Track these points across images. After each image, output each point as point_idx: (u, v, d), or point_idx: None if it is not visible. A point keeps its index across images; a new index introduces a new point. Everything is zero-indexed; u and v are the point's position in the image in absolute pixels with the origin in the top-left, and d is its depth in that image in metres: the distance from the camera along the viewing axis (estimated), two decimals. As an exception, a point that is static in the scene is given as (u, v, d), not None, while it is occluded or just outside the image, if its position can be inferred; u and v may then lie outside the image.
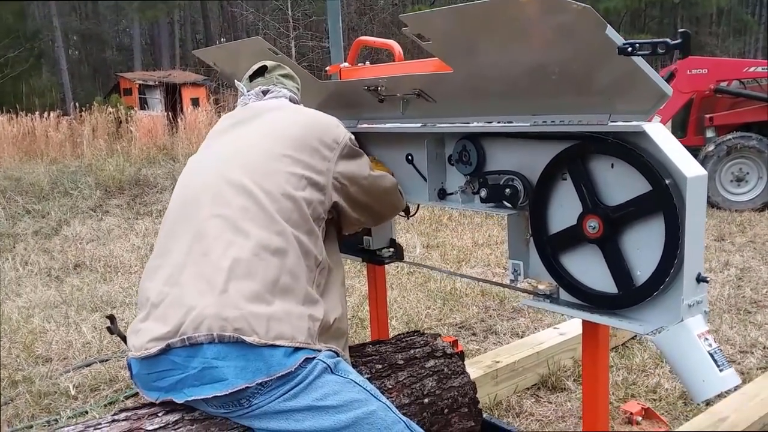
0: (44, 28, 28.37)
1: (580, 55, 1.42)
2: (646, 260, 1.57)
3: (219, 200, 1.52)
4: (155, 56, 31.34)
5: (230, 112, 1.85)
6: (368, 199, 1.79)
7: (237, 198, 1.51)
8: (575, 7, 1.25)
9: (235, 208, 1.49)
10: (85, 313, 4.31)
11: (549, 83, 1.59)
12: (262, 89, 1.86)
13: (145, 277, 1.56)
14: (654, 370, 3.13)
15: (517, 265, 1.89)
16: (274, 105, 1.80)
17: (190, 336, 1.36)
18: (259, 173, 1.54)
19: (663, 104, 1.47)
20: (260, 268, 1.42)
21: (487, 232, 6.40)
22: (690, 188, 1.46)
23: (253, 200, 1.50)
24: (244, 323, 1.35)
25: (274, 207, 1.50)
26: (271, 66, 1.93)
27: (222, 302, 1.37)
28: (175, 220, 1.58)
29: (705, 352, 1.49)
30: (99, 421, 1.46)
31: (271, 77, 1.90)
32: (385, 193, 1.89)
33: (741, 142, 6.96)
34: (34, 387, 3.19)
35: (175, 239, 1.54)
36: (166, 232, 1.59)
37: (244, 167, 1.56)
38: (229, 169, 1.57)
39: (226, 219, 1.48)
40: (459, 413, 1.85)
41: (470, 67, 1.69)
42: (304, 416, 1.35)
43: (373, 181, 1.80)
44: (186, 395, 1.41)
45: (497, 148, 1.94)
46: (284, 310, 1.40)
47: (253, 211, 1.49)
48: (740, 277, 4.70)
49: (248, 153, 1.60)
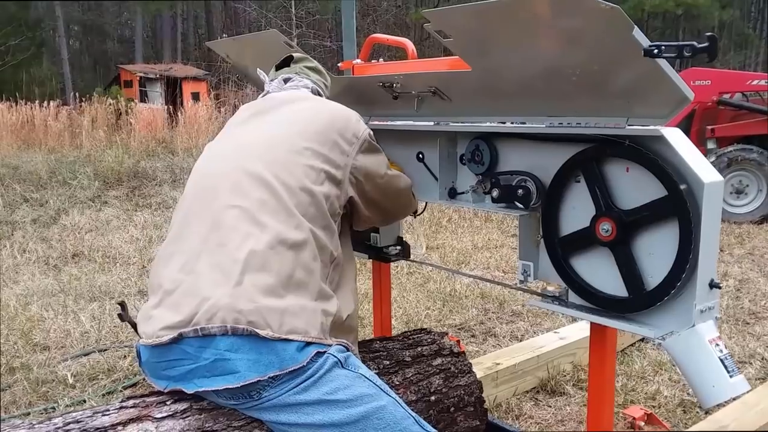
0: (47, 17, 28.31)
1: (604, 55, 1.41)
2: (659, 265, 1.57)
3: (237, 191, 1.51)
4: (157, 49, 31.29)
5: (251, 102, 1.83)
6: (382, 198, 1.78)
7: (256, 190, 1.50)
8: (603, 7, 1.25)
9: (253, 200, 1.48)
10: (83, 303, 4.29)
11: (567, 84, 1.58)
12: (284, 77, 1.86)
13: (159, 262, 1.55)
14: (653, 377, 3.13)
15: (527, 266, 1.89)
16: (296, 96, 1.78)
17: (204, 327, 1.35)
18: (278, 165, 1.53)
19: (682, 109, 1.47)
20: (276, 262, 1.41)
21: (486, 235, 6.40)
22: (707, 194, 1.45)
23: (272, 193, 1.49)
24: (258, 316, 1.34)
25: (292, 201, 1.48)
26: (297, 57, 1.93)
27: (237, 294, 1.36)
28: (191, 207, 1.57)
29: (716, 358, 1.50)
30: (107, 407, 1.45)
31: (295, 67, 1.90)
32: (399, 194, 1.88)
33: (742, 155, 6.99)
34: (31, 374, 3.18)
35: (191, 227, 1.53)
36: (181, 219, 1.58)
37: (264, 158, 1.55)
38: (248, 159, 1.56)
39: (244, 210, 1.47)
40: (465, 412, 1.85)
41: (489, 65, 1.68)
42: (314, 409, 1.35)
43: (389, 180, 1.79)
44: (196, 386, 1.40)
45: (510, 149, 1.94)
46: (298, 304, 1.39)
47: (272, 204, 1.47)
48: (739, 288, 4.72)
49: (268, 144, 1.59)
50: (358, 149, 1.66)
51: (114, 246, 5.88)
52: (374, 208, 1.77)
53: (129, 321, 1.59)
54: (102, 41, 35.18)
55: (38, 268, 5.20)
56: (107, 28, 34.89)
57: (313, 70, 1.93)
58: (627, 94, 1.51)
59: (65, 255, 5.61)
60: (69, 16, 30.42)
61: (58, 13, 25.86)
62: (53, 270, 5.19)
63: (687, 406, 2.84)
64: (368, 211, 1.75)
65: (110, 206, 7.75)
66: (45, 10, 28.55)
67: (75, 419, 1.39)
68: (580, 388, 3.03)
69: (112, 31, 35.85)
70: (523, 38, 1.51)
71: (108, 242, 6.03)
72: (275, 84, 1.85)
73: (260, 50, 2.29)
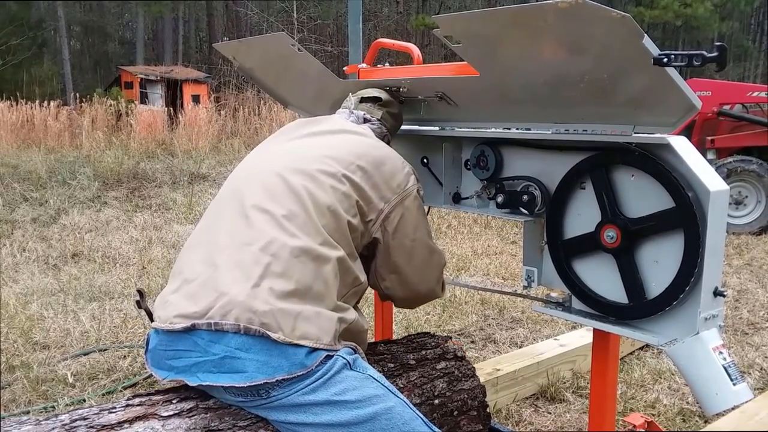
0: (48, 17, 28.33)
1: (613, 63, 1.43)
2: (663, 272, 1.58)
3: (272, 197, 1.53)
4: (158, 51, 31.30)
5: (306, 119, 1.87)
6: (404, 262, 1.71)
7: (289, 201, 1.52)
8: (615, 15, 1.26)
9: (284, 209, 1.50)
10: (82, 302, 4.29)
11: (574, 91, 1.60)
12: (365, 116, 1.90)
13: (187, 248, 1.59)
14: (652, 385, 3.14)
15: (531, 271, 1.90)
16: (358, 129, 1.81)
17: (217, 322, 1.37)
18: (315, 184, 1.55)
19: (690, 117, 1.48)
20: (297, 271, 1.42)
21: (486, 242, 6.41)
22: (713, 202, 1.47)
23: (302, 207, 1.51)
24: (271, 319, 1.36)
25: (321, 221, 1.50)
26: (385, 101, 1.96)
27: (253, 295, 1.38)
28: (225, 203, 1.61)
29: (719, 366, 1.51)
30: (113, 405, 1.45)
31: (380, 111, 1.94)
32: (426, 265, 1.77)
33: (741, 166, 7.01)
34: (31, 373, 3.17)
35: (221, 221, 1.56)
36: (214, 210, 1.62)
37: (305, 174, 1.57)
38: (290, 172, 1.58)
39: (273, 216, 1.49)
40: (468, 416, 1.85)
41: (497, 72, 1.70)
42: (322, 410, 1.36)
43: (419, 245, 1.72)
44: (199, 379, 1.41)
45: (515, 155, 1.95)
46: (314, 310, 1.40)
47: (301, 217, 1.49)
48: (737, 298, 4.73)
49: (314, 163, 1.61)
50: (399, 199, 1.66)
51: (114, 246, 5.87)
52: (391, 268, 1.72)
53: (146, 309, 1.60)
54: (103, 42, 35.17)
55: (38, 267, 5.19)
56: (109, 29, 34.89)
57: (392, 116, 1.97)
58: (634, 102, 1.53)
59: (65, 254, 5.61)
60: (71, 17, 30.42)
61: (60, 14, 25.87)
62: (53, 269, 5.19)
63: (686, 414, 2.85)
64: (383, 268, 1.71)
65: (110, 207, 7.75)
66: (47, 11, 28.57)
67: (81, 416, 1.39)
68: (579, 396, 3.04)
69: (113, 32, 35.86)
70: (533, 45, 1.52)
71: (108, 242, 6.02)
72: (354, 117, 1.89)
73: (267, 53, 2.30)
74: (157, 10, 26.36)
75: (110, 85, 22.98)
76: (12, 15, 23.58)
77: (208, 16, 31.97)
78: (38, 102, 14.19)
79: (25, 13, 25.07)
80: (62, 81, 24.68)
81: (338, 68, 2.77)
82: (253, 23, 25.79)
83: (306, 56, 2.14)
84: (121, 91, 19.27)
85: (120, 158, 9.97)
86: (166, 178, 9.33)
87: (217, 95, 19.18)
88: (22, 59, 22.23)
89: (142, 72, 21.34)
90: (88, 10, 34.22)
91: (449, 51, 5.46)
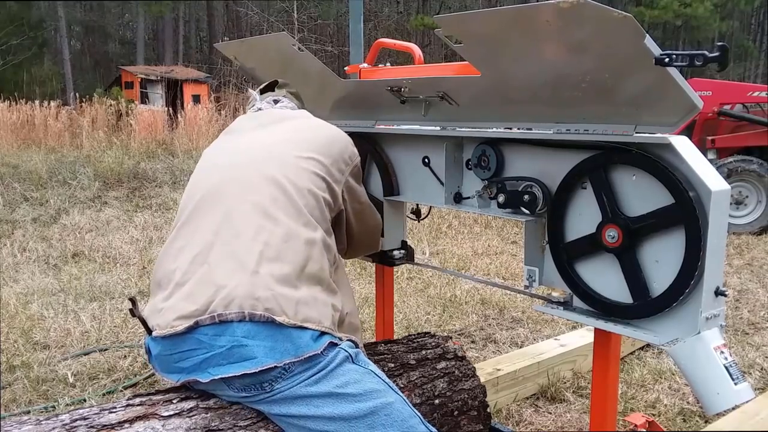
0: (48, 17, 28.34)
1: (614, 63, 1.43)
2: (664, 272, 1.58)
3: (249, 188, 1.56)
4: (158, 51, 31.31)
5: (246, 114, 1.93)
6: (356, 223, 1.86)
7: (267, 187, 1.55)
8: (617, 15, 1.26)
9: (264, 195, 1.54)
10: (83, 302, 4.29)
11: (576, 91, 1.59)
12: (273, 98, 1.96)
13: (166, 258, 1.57)
14: (653, 385, 3.14)
15: (532, 271, 1.90)
16: (296, 113, 1.89)
17: (221, 313, 1.38)
18: (288, 168, 1.60)
19: (691, 117, 1.48)
20: (290, 254, 1.46)
21: (486, 242, 6.41)
22: (714, 202, 1.47)
23: (283, 191, 1.55)
24: (274, 303, 1.38)
25: (301, 201, 1.55)
26: (282, 82, 2.04)
27: (253, 282, 1.40)
28: (200, 205, 1.60)
29: (720, 365, 1.50)
30: (114, 404, 1.45)
31: (281, 91, 2.00)
32: (370, 225, 1.98)
33: (741, 166, 7.01)
34: (32, 373, 3.17)
35: (201, 222, 1.56)
36: (188, 216, 1.60)
37: (274, 161, 1.62)
38: (259, 161, 1.62)
39: (256, 205, 1.52)
40: (468, 416, 1.85)
41: (499, 71, 1.70)
42: (323, 402, 1.37)
43: (366, 208, 1.91)
44: (211, 374, 1.41)
45: (517, 154, 1.95)
46: (311, 295, 1.44)
47: (282, 200, 1.53)
48: (738, 298, 4.73)
49: (278, 149, 1.66)
50: (350, 171, 1.77)
51: (114, 246, 5.88)
52: (351, 233, 1.87)
53: (139, 317, 1.60)
54: (104, 42, 35.21)
55: (38, 267, 5.20)
56: (109, 29, 34.93)
57: (294, 95, 2.03)
58: (636, 102, 1.52)
59: (65, 254, 5.61)
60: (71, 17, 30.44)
61: (60, 14, 25.90)
62: (53, 269, 5.19)
63: (687, 414, 2.85)
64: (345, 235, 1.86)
65: (110, 207, 7.75)
66: (47, 11, 28.57)
67: (82, 416, 1.39)
68: (580, 396, 3.04)
69: (113, 32, 35.90)
70: (535, 45, 1.52)
71: (108, 242, 6.02)
72: (266, 103, 1.95)
73: (269, 53, 2.30)
74: (158, 10, 26.35)
75: (110, 85, 23.00)
76: (12, 15, 23.58)
77: (208, 16, 32.02)
78: (38, 102, 14.18)
79: (25, 13, 25.07)
80: (62, 81, 24.70)
81: (339, 68, 2.77)
82: (253, 23, 25.81)
83: (307, 56, 2.14)
84: (122, 91, 19.29)
85: (120, 158, 9.95)
86: (167, 178, 9.32)
87: (218, 95, 19.17)
88: (22, 59, 22.26)
89: (142, 72, 21.37)
90: (88, 10, 34.23)
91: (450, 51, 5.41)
